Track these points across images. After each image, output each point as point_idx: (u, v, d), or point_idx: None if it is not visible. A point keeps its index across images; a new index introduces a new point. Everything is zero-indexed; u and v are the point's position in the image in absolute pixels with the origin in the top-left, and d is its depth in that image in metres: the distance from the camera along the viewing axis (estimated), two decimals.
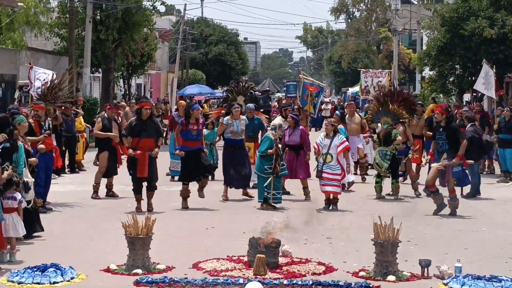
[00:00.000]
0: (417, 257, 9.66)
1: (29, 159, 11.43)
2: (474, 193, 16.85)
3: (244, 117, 16.75)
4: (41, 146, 12.34)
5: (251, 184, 16.71)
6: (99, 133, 16.44)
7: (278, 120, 17.32)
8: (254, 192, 15.89)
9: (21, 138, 11.69)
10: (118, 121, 17.02)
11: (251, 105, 17.60)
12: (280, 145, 15.07)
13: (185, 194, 15.03)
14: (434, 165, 14.44)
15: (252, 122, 17.15)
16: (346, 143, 15.26)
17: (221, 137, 17.27)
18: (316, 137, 15.91)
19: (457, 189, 15.54)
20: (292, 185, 16.66)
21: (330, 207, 14.87)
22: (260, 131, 17.52)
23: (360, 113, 20.54)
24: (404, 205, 15.67)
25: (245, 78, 53.04)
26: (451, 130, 14.40)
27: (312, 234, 11.82)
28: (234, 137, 16.29)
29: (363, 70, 30.43)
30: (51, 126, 14.49)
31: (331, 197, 14.99)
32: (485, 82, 22.89)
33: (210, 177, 16.34)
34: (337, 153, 14.93)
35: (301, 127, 16.57)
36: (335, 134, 15.16)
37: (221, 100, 21.70)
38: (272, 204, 14.81)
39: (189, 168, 14.97)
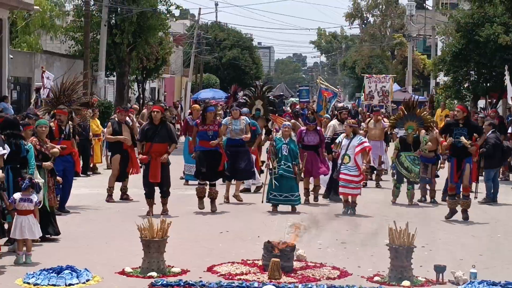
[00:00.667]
0: (432, 262, 9.64)
1: (43, 163, 11.50)
2: (490, 200, 16.80)
3: (245, 117, 16.80)
4: (55, 150, 12.39)
5: (252, 188, 16.80)
6: (109, 137, 16.51)
7: (333, 122, 17.32)
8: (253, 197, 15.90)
9: (39, 140, 11.79)
10: (130, 124, 17.05)
11: (244, 109, 17.81)
12: (285, 145, 15.08)
13: (201, 194, 14.98)
14: (449, 139, 14.28)
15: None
16: (366, 144, 15.13)
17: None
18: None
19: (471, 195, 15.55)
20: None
21: (348, 211, 14.84)
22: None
23: (384, 119, 20.70)
24: (419, 210, 15.64)
25: (259, 82, 53.02)
26: (472, 125, 14.52)
27: (327, 239, 11.83)
28: (233, 136, 16.32)
29: (367, 75, 30.37)
30: (71, 131, 14.57)
31: (350, 199, 14.94)
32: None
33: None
34: (355, 153, 14.89)
35: (318, 128, 16.67)
36: (354, 135, 15.13)
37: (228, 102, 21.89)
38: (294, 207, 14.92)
39: (203, 166, 14.90)
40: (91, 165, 21.28)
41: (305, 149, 15.97)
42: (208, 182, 15.03)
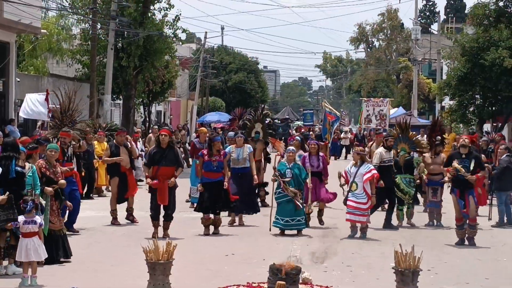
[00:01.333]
0: (438, 286, 9.64)
1: (45, 188, 11.54)
2: (502, 223, 16.73)
3: (249, 145, 16.84)
4: (62, 181, 12.49)
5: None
6: (106, 159, 16.63)
7: (380, 149, 17.11)
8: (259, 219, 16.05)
9: (46, 164, 11.86)
10: (128, 147, 17.08)
11: (231, 133, 17.96)
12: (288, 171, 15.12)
13: (206, 223, 15.08)
14: (455, 165, 14.23)
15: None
16: (374, 171, 15.11)
17: None
18: (336, 165, 15.97)
19: (484, 219, 15.61)
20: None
21: (359, 236, 14.80)
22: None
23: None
24: (426, 234, 15.62)
25: (263, 105, 53.18)
26: (475, 157, 14.38)
27: (333, 262, 11.82)
28: (235, 165, 16.30)
29: (365, 99, 30.41)
30: (72, 152, 14.64)
31: (360, 226, 14.90)
32: None
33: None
34: (363, 181, 14.88)
35: (321, 154, 16.66)
36: (362, 162, 15.14)
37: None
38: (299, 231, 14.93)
39: (206, 199, 14.97)
40: (95, 188, 21.32)
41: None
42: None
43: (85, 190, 20.29)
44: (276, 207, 15.10)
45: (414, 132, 17.87)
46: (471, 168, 14.09)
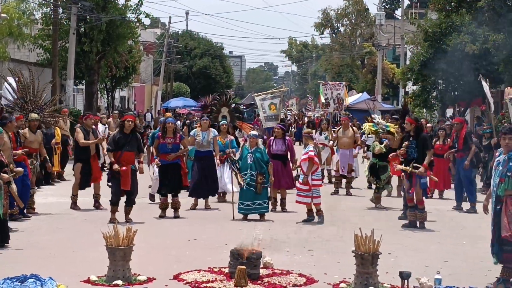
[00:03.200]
0: (397, 269, 9.68)
1: (2, 174, 11.42)
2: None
3: (213, 129, 16.87)
4: (19, 169, 12.44)
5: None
6: (86, 142, 16.36)
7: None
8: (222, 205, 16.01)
9: None
10: (96, 132, 17.02)
11: (170, 119, 18.03)
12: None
13: (161, 206, 15.18)
14: (398, 167, 14.50)
15: None
16: (310, 153, 14.84)
17: None
18: (299, 151, 16.02)
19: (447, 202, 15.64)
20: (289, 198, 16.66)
21: (316, 220, 14.84)
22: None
23: (354, 127, 20.70)
24: (387, 218, 15.74)
25: (230, 91, 53.14)
26: (421, 139, 14.42)
27: (294, 246, 11.86)
28: (199, 148, 16.37)
29: (323, 82, 30.26)
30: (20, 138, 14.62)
31: (315, 209, 14.96)
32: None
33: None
34: (300, 161, 14.97)
35: (287, 137, 16.71)
36: (306, 145, 15.27)
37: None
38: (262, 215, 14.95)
39: (164, 181, 15.14)
40: (55, 173, 21.14)
41: (273, 159, 15.99)
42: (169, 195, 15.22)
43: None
44: (238, 191, 15.12)
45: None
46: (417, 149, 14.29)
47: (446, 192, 19.05)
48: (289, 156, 16.37)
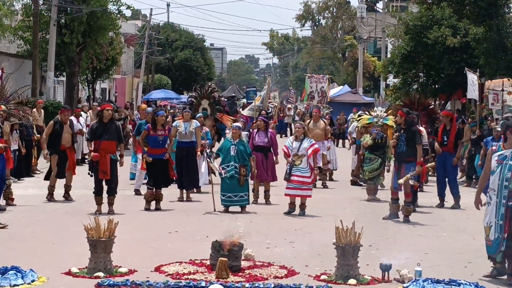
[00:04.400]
0: (378, 261, 9.73)
1: None
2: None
3: (195, 120, 16.88)
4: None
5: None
6: (43, 139, 16.47)
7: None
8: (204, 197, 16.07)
9: None
10: (73, 126, 17.04)
11: (149, 109, 18.12)
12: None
13: (149, 198, 15.10)
14: (400, 181, 14.38)
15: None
16: (316, 145, 15.23)
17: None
18: (281, 143, 16.01)
19: (429, 196, 15.69)
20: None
21: (298, 213, 14.84)
22: None
23: (324, 120, 20.56)
24: (367, 210, 15.80)
25: (211, 83, 53.05)
26: (410, 132, 14.46)
27: (275, 238, 11.89)
28: (181, 139, 16.37)
29: (308, 75, 30.17)
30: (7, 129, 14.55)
31: (300, 202, 14.96)
32: (474, 89, 23.21)
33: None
34: (308, 155, 14.91)
35: (270, 130, 16.71)
36: (304, 137, 15.18)
37: (186, 105, 21.75)
38: (243, 207, 14.92)
39: (152, 174, 15.12)
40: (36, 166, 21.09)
41: (255, 151, 16.03)
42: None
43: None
44: (222, 183, 15.09)
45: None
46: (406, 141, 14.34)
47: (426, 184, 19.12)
48: (272, 149, 16.41)
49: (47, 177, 16.36)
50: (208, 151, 15.55)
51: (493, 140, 15.32)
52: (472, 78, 22.21)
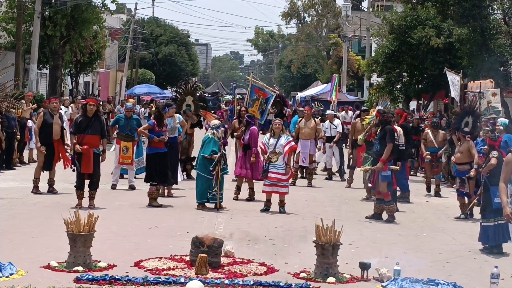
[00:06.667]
0: (357, 259, 9.77)
1: None
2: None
3: (178, 115, 16.96)
4: None
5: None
6: (35, 132, 16.45)
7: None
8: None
9: None
10: (63, 116, 16.95)
11: (129, 104, 18.11)
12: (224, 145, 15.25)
13: (156, 195, 15.11)
14: (357, 169, 14.62)
15: (131, 121, 17.51)
16: (293, 143, 15.27)
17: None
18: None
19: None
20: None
21: (279, 211, 14.81)
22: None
23: (315, 119, 20.58)
24: (348, 208, 15.84)
25: (195, 79, 53.02)
26: (383, 131, 14.47)
27: (255, 235, 11.90)
28: (168, 134, 16.32)
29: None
30: None
31: (278, 199, 14.97)
32: (455, 89, 23.32)
33: None
34: (284, 152, 14.92)
35: (252, 127, 16.58)
36: (281, 134, 15.17)
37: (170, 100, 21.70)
38: (221, 204, 14.82)
39: (155, 170, 15.08)
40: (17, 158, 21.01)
41: (244, 149, 16.23)
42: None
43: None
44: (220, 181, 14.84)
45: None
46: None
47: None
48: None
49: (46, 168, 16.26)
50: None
51: (482, 141, 15.38)
52: (453, 78, 22.30)
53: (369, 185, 14.93)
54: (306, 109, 20.72)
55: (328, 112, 22.73)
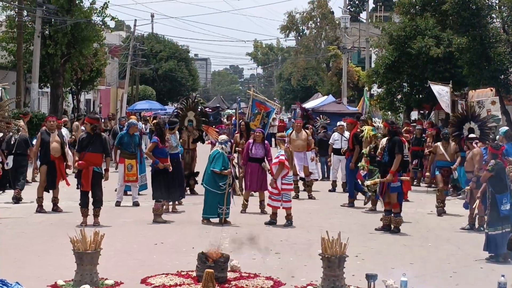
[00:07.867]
0: (364, 271, 9.77)
1: None
2: None
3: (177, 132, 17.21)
4: None
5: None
6: (34, 153, 16.63)
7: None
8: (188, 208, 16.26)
9: None
10: (62, 135, 17.02)
11: (133, 121, 18.23)
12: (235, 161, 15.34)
13: (160, 211, 15.10)
14: (366, 182, 14.62)
15: (134, 138, 17.57)
16: (281, 157, 14.93)
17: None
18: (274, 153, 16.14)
19: (413, 206, 15.71)
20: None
21: (285, 224, 14.81)
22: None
23: (307, 130, 20.50)
24: (352, 220, 15.84)
25: (195, 94, 53.11)
26: (392, 142, 14.49)
27: (261, 249, 11.90)
28: (171, 151, 16.38)
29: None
30: None
31: (285, 213, 14.94)
32: (443, 101, 23.31)
33: None
34: (271, 164, 15.08)
35: (266, 142, 16.71)
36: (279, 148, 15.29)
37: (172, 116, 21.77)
38: (226, 219, 14.82)
39: (163, 186, 15.15)
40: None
41: (251, 162, 16.29)
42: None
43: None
44: (227, 196, 14.83)
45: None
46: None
47: (410, 194, 19.14)
48: (266, 160, 16.54)
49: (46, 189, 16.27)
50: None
51: (485, 150, 15.34)
52: (440, 90, 22.27)
53: (366, 183, 14.95)
54: (297, 122, 20.62)
55: (339, 123, 22.64)
